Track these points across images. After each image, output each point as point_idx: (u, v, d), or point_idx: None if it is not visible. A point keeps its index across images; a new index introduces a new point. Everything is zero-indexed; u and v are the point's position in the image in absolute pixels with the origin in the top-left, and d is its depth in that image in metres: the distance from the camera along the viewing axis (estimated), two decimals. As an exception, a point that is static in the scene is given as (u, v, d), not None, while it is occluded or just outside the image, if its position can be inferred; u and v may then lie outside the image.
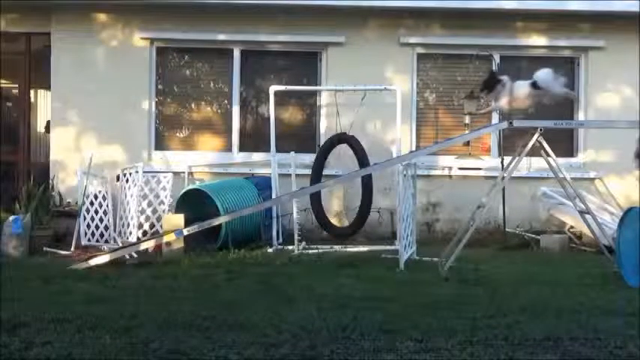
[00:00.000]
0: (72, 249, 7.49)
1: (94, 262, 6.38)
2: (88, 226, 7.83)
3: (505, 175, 6.72)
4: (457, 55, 9.31)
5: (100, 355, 3.60)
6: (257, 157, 8.96)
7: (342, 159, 8.48)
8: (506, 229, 8.45)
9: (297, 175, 8.13)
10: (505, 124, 6.69)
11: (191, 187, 8.13)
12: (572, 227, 8.25)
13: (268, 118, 8.22)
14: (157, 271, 6.20)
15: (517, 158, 6.51)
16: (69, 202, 8.63)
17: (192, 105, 9.30)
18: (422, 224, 8.60)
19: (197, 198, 7.71)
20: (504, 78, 7.14)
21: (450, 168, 9.04)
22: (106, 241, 7.82)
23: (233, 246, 7.24)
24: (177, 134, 9.26)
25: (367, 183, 8.10)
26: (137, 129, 8.93)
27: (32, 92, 9.57)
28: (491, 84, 7.22)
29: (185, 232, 6.82)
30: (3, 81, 9.54)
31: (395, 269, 6.39)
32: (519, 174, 7.66)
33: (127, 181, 7.95)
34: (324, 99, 9.06)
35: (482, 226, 8.21)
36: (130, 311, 4.50)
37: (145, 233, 7.86)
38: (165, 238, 6.92)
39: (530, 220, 8.77)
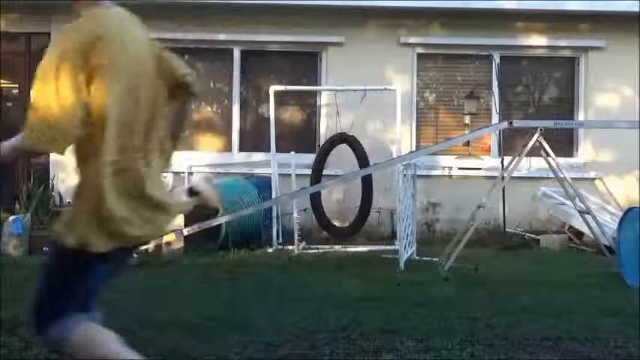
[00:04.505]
0: (72, 249, 7.46)
1: (94, 262, 6.36)
2: (88, 226, 7.81)
3: (505, 175, 6.72)
4: (457, 55, 9.31)
5: (100, 355, 3.60)
6: (257, 157, 8.94)
7: (342, 159, 8.47)
8: (506, 229, 8.45)
9: (297, 175, 8.12)
10: (505, 124, 6.71)
11: (191, 187, 8.10)
12: (572, 227, 8.25)
13: (268, 118, 8.21)
14: (157, 271, 6.20)
15: (517, 158, 6.51)
16: (69, 202, 8.62)
17: (192, 105, 9.27)
18: (422, 224, 8.60)
19: (197, 198, 7.68)
20: None
21: (450, 168, 9.04)
22: (106, 241, 7.80)
23: (233, 246, 7.23)
24: (177, 134, 9.24)
25: (367, 183, 8.10)
26: (137, 129, 8.90)
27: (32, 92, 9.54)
28: None
29: (185, 232, 6.81)
30: (3, 81, 9.52)
31: (395, 269, 6.39)
32: (519, 174, 7.65)
33: (127, 181, 7.93)
34: (324, 99, 9.05)
35: (482, 226, 8.20)
36: (130, 311, 4.50)
37: (145, 233, 7.84)
38: (165, 238, 6.92)
39: (530, 220, 8.76)
